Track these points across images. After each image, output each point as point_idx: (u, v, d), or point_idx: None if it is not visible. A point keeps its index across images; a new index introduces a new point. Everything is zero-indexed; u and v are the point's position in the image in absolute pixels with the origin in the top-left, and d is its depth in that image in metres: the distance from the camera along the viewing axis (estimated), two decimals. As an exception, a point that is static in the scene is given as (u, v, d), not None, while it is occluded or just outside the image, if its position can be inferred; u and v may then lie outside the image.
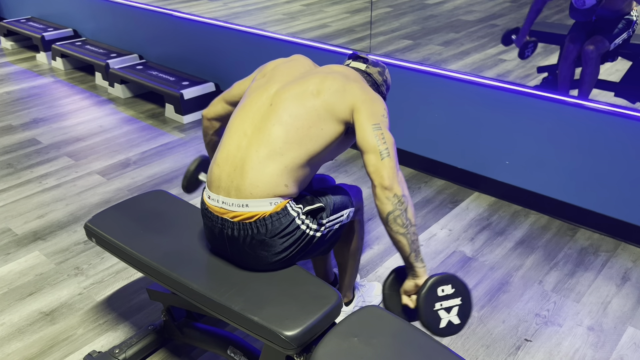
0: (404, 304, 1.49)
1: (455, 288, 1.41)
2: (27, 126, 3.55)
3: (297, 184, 1.48)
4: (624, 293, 2.08)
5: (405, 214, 1.39)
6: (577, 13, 2.28)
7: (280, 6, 3.73)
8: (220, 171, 1.48)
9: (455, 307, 1.41)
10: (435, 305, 1.40)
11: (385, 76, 1.71)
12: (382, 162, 1.39)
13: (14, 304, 2.07)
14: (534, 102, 2.41)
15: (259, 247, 1.45)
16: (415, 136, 2.90)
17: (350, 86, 1.51)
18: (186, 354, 1.84)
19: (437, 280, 1.40)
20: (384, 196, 1.38)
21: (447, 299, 1.41)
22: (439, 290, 1.40)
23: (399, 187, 1.39)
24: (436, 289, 1.40)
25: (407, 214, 1.39)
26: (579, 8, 2.16)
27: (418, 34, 3.02)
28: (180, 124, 3.59)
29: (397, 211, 1.38)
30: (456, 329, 1.42)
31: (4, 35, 5.23)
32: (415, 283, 1.45)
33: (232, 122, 1.54)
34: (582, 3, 2.02)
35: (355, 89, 1.51)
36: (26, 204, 2.70)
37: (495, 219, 2.54)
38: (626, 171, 2.26)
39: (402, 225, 1.39)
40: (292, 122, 1.45)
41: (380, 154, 1.40)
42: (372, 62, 1.70)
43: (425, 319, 1.39)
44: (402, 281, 1.50)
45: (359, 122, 1.45)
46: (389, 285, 1.53)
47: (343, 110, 1.48)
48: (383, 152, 1.40)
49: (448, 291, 1.41)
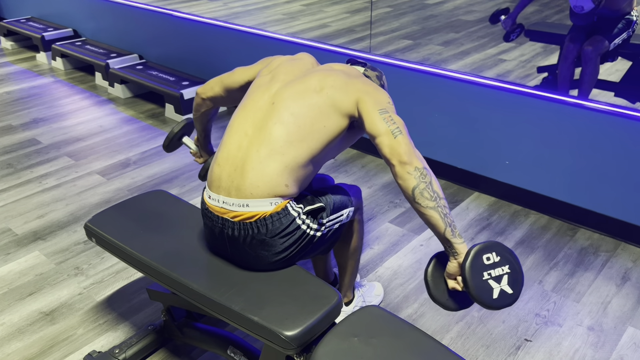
0: (451, 288, 1.37)
1: (501, 256, 1.30)
2: (27, 126, 3.55)
3: (297, 183, 1.48)
4: (624, 293, 2.08)
5: (431, 187, 1.33)
6: (577, 17, 2.29)
7: (280, 6, 3.73)
8: (221, 171, 1.48)
9: (504, 275, 1.30)
10: (484, 274, 1.28)
11: (382, 81, 1.72)
12: (396, 140, 1.37)
13: (14, 304, 2.07)
14: (534, 102, 2.41)
15: (259, 246, 1.45)
16: (415, 136, 2.90)
17: (352, 81, 1.52)
18: (186, 354, 1.84)
19: (480, 248, 1.29)
20: (404, 172, 1.33)
21: (495, 267, 1.29)
22: (484, 259, 1.29)
23: (419, 161, 1.35)
24: (481, 256, 1.29)
25: (432, 186, 1.33)
26: (578, 13, 2.16)
27: (418, 34, 3.02)
28: (180, 124, 3.59)
29: (422, 184, 1.33)
30: (510, 299, 1.30)
31: (4, 35, 5.23)
32: (459, 262, 1.33)
33: (234, 122, 1.54)
34: (581, 8, 2.03)
35: (357, 83, 1.51)
36: (26, 204, 2.70)
37: (495, 219, 2.54)
38: (626, 171, 2.26)
39: (431, 198, 1.32)
40: (294, 121, 1.46)
41: (392, 133, 1.38)
42: (370, 67, 1.72)
43: (476, 291, 1.27)
44: (444, 266, 1.39)
45: (365, 111, 1.44)
46: (432, 272, 1.41)
47: (347, 104, 1.48)
48: (395, 131, 1.38)
49: (494, 259, 1.30)
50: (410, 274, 2.19)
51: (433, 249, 2.32)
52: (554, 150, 2.43)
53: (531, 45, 2.65)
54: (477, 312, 2.00)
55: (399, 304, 2.04)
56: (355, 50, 2.99)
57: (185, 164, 3.06)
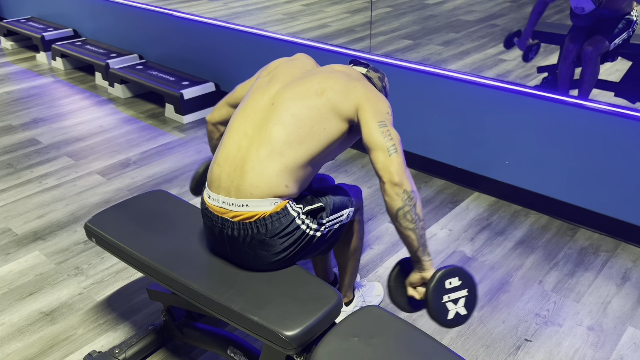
0: (409, 295, 1.50)
1: (462, 280, 1.42)
2: (27, 126, 3.55)
3: (297, 184, 1.48)
4: (624, 293, 2.08)
5: (415, 209, 1.40)
6: (577, 18, 2.29)
7: (280, 6, 3.73)
8: (221, 171, 1.48)
9: (462, 298, 1.43)
10: (444, 297, 1.41)
11: (384, 83, 1.73)
12: (390, 158, 1.40)
13: (14, 304, 2.07)
14: (534, 102, 2.41)
15: (259, 247, 1.45)
16: (415, 136, 2.90)
17: (353, 85, 1.52)
18: (186, 354, 1.84)
19: (444, 273, 1.41)
20: (393, 192, 1.38)
21: (455, 291, 1.42)
22: (447, 283, 1.41)
23: (408, 183, 1.40)
24: (444, 281, 1.41)
25: (416, 209, 1.40)
26: (579, 14, 2.16)
27: (418, 34, 3.02)
28: (180, 124, 3.59)
29: (406, 207, 1.39)
30: (463, 319, 1.44)
31: (4, 35, 5.23)
32: (422, 276, 1.45)
33: (233, 122, 1.54)
34: (582, 9, 2.03)
35: (359, 87, 1.51)
36: (26, 204, 2.70)
37: (495, 219, 2.54)
38: (626, 171, 2.26)
39: (412, 220, 1.40)
40: (294, 122, 1.46)
41: (388, 150, 1.40)
42: (372, 68, 1.72)
43: (434, 312, 1.41)
44: (407, 273, 1.51)
45: (365, 120, 1.46)
46: (394, 277, 1.54)
47: (347, 109, 1.49)
48: (390, 149, 1.40)
49: (455, 283, 1.42)
50: (410, 274, 2.19)
51: (433, 249, 2.32)
52: (554, 150, 2.43)
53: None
54: (477, 312, 2.00)
55: (399, 304, 2.04)
56: (355, 50, 2.99)
57: (185, 164, 3.06)
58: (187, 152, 3.20)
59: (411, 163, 2.98)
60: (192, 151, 3.21)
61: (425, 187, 2.81)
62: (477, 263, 2.25)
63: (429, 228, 2.47)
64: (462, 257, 2.28)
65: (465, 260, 2.26)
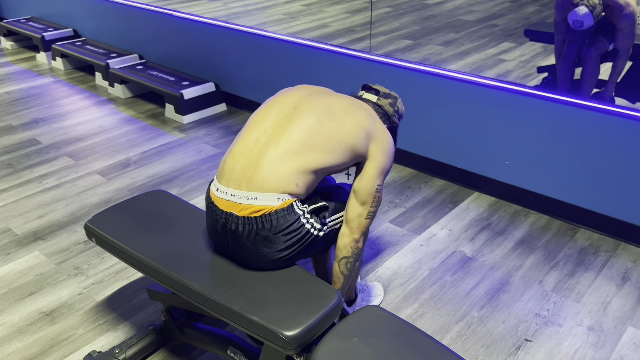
0: None
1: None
2: (27, 126, 3.55)
3: (306, 186, 1.51)
4: (624, 293, 2.08)
5: (355, 264, 1.63)
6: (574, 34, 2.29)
7: (280, 6, 3.73)
8: (235, 163, 1.50)
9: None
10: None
11: (397, 106, 1.76)
12: (365, 220, 1.58)
13: (14, 304, 2.07)
14: (534, 102, 2.41)
15: (262, 243, 1.46)
16: (415, 136, 2.90)
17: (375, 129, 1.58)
18: (186, 354, 1.84)
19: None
20: (350, 240, 1.59)
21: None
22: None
23: (363, 243, 1.63)
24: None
25: (355, 264, 1.64)
26: (577, 29, 2.16)
27: (418, 34, 3.02)
28: (180, 124, 3.59)
29: (351, 258, 1.62)
30: None
31: (4, 35, 5.23)
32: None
33: (254, 118, 1.58)
34: (580, 24, 2.02)
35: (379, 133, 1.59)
36: (26, 204, 2.70)
37: (495, 219, 2.54)
38: (626, 171, 2.25)
39: (347, 270, 1.63)
40: (314, 127, 1.50)
41: (367, 214, 1.58)
42: (383, 95, 1.74)
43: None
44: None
45: (368, 173, 1.57)
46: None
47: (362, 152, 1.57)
48: (369, 214, 1.59)
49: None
50: (410, 274, 2.19)
51: (433, 249, 2.32)
52: (554, 150, 2.43)
53: (531, 45, 2.64)
54: (477, 312, 2.00)
55: (399, 304, 2.04)
56: (355, 50, 2.99)
57: (185, 164, 3.06)
58: (187, 152, 3.20)
59: (411, 163, 2.98)
60: (192, 151, 3.21)
61: (425, 187, 2.81)
62: (477, 263, 2.25)
63: (429, 228, 2.47)
64: (462, 257, 2.28)
65: (465, 261, 2.26)
